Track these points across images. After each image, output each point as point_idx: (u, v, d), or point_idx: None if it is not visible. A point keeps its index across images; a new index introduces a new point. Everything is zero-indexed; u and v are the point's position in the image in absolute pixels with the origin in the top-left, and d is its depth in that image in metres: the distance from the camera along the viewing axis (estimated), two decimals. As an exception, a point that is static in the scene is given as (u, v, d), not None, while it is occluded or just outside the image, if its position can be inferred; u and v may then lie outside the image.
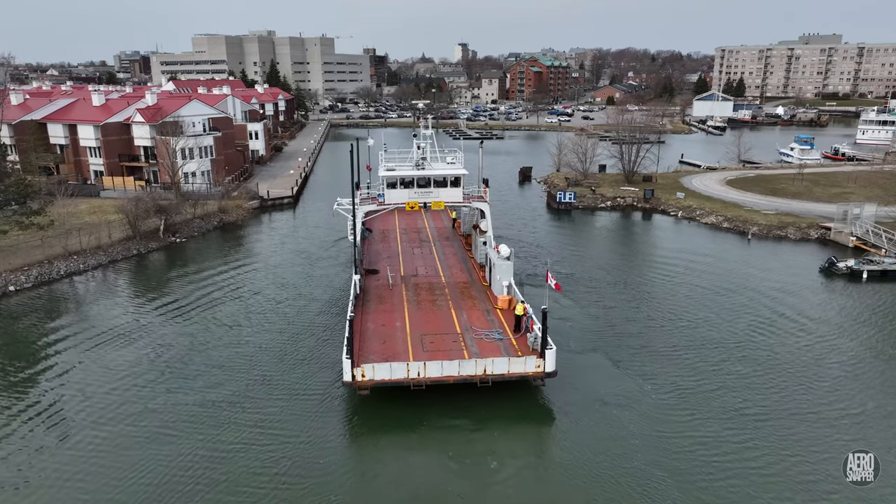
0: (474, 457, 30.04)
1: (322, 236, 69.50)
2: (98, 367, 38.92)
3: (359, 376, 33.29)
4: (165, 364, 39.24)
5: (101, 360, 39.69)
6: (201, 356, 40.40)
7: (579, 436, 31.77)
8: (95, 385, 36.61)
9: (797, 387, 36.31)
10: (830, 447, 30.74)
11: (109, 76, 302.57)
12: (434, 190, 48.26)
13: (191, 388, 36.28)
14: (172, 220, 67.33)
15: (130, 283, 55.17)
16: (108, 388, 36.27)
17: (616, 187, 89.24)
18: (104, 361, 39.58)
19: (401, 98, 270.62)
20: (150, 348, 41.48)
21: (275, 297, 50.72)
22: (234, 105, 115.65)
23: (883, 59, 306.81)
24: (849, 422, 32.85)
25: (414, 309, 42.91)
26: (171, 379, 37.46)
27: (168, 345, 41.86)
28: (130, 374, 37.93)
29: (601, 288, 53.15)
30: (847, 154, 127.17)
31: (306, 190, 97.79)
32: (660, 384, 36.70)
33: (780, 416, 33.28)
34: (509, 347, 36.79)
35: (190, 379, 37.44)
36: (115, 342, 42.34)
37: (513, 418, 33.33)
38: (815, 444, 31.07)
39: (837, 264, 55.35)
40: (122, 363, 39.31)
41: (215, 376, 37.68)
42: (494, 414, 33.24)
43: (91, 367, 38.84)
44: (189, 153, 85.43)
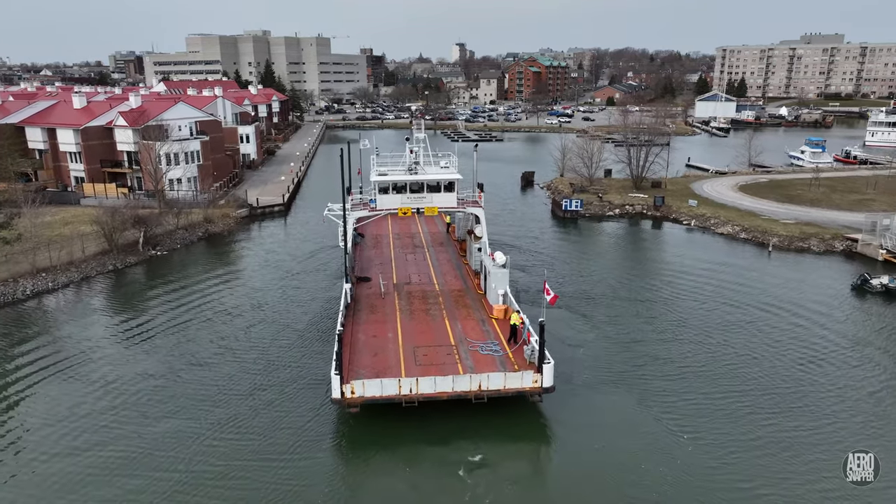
0: (468, 476, 28.61)
1: (311, 249, 65.03)
2: (63, 394, 35.35)
3: (348, 393, 31.84)
4: (140, 389, 35.86)
5: (67, 388, 35.92)
6: (180, 376, 37.58)
7: (578, 454, 30.52)
8: (61, 414, 33.27)
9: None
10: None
11: (101, 77, 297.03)
12: (427, 195, 46.89)
13: (170, 412, 33.66)
14: (153, 232, 62.89)
15: (104, 302, 50.74)
16: (75, 417, 33.08)
17: (624, 194, 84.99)
18: (70, 389, 35.85)
19: (398, 99, 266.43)
20: (125, 372, 37.97)
21: (260, 313, 47.51)
22: (225, 107, 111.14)
23: (886, 58, 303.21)
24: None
25: (407, 319, 41.61)
26: (149, 404, 34.56)
27: (144, 371, 37.66)
28: (102, 399, 34.31)
29: (611, 302, 49.81)
30: (859, 157, 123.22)
31: (299, 196, 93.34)
32: (665, 403, 34.62)
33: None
34: (505, 361, 35.38)
35: (167, 402, 34.62)
36: (83, 368, 38.42)
37: (509, 436, 31.89)
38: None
39: (871, 281, 51.14)
40: (91, 390, 35.64)
41: (196, 397, 35.20)
42: (490, 431, 31.76)
43: (56, 396, 35.18)
44: (174, 159, 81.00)
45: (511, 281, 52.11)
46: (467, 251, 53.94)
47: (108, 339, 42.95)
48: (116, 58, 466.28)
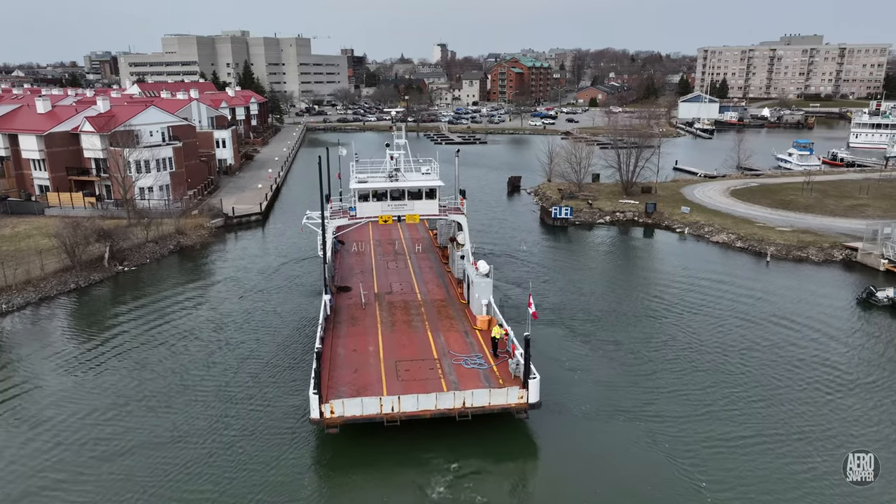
0: (453, 496, 27.62)
1: (289, 260, 61.59)
2: (20, 422, 32.24)
3: (327, 413, 30.44)
4: (103, 416, 33.23)
5: (22, 418, 32.41)
6: (139, 406, 35.07)
7: (565, 472, 29.65)
8: (12, 448, 29.94)
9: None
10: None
11: (73, 78, 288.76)
12: (408, 202, 46.00)
13: (123, 450, 31.01)
14: (120, 246, 59.01)
15: (63, 325, 46.91)
16: (29, 450, 30.05)
17: (614, 200, 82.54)
18: (25, 418, 32.36)
19: (380, 100, 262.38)
20: (87, 401, 35.16)
21: (234, 333, 44.88)
22: (200, 111, 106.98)
23: (864, 59, 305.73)
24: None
25: (388, 331, 40.31)
26: (112, 437, 31.68)
27: (96, 406, 34.04)
28: (38, 440, 30.51)
29: (605, 317, 47.70)
30: (846, 159, 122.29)
31: (278, 203, 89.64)
32: (656, 419, 33.58)
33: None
34: (490, 375, 34.25)
35: (117, 439, 31.71)
36: (24, 403, 34.77)
37: (494, 454, 30.71)
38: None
39: (877, 294, 48.99)
40: (29, 428, 32.02)
41: (164, 425, 33.08)
42: (474, 450, 30.63)
43: (9, 428, 31.89)
44: (145, 166, 76.95)
45: (504, 296, 50.00)
46: (450, 259, 52.70)
47: (62, 368, 39.31)
48: (92, 58, 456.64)
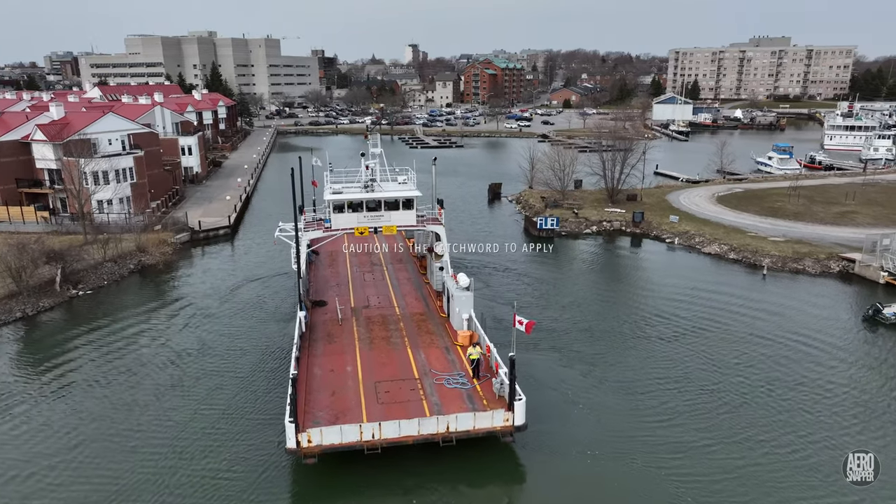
0: None
1: (260, 276, 57.47)
2: None
3: (304, 442, 28.92)
4: (58, 451, 29.07)
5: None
6: (110, 437, 32.97)
7: (553, 497, 28.70)
8: None
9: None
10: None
11: (30, 80, 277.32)
12: (385, 213, 44.86)
13: (94, 475, 29.43)
14: (73, 267, 54.20)
15: (5, 360, 42.14)
16: None
17: (600, 208, 79.86)
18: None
19: (352, 102, 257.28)
20: (28, 447, 31.10)
21: (200, 360, 41.76)
22: (164, 116, 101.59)
23: (830, 61, 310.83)
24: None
25: (367, 349, 38.88)
26: (66, 473, 28.85)
27: (42, 451, 29.76)
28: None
29: (598, 335, 45.36)
30: (824, 163, 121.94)
31: (248, 215, 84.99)
32: (647, 440, 32.41)
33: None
34: (473, 395, 33.07)
35: (91, 467, 30.07)
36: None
37: (480, 480, 29.67)
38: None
39: (883, 311, 46.85)
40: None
41: (128, 459, 31.07)
42: (460, 475, 29.57)
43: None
44: (103, 177, 71.88)
45: (495, 317, 46.65)
46: (428, 270, 51.32)
47: (10, 401, 35.03)
48: (52, 59, 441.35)
